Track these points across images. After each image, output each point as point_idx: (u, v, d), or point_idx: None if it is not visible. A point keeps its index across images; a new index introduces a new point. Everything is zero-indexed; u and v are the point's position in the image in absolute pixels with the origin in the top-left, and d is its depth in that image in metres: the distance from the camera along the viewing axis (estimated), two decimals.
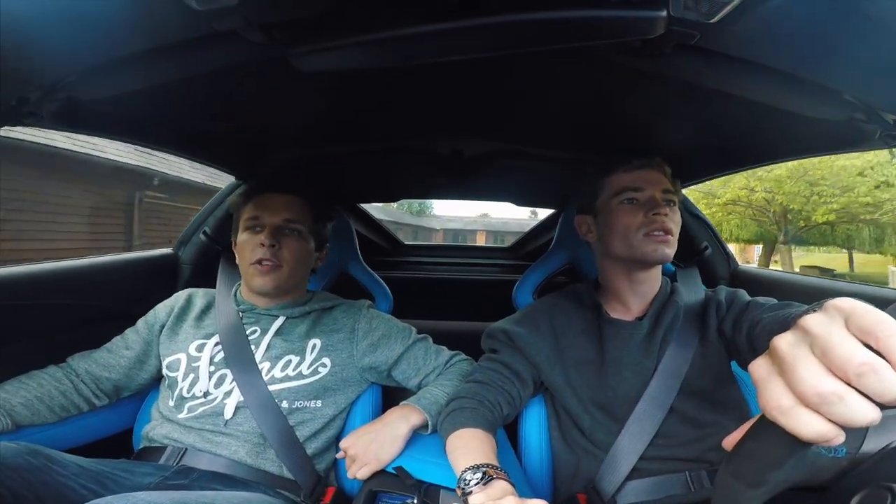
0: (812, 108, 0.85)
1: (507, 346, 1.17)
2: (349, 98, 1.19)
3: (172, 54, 0.78)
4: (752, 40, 0.67)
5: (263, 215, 1.22)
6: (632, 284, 1.16)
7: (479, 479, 0.79)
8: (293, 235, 1.24)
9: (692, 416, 1.06)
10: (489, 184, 2.03)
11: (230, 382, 1.14)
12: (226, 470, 1.05)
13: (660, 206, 1.08)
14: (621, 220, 1.11)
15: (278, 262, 1.20)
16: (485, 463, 0.83)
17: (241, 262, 1.23)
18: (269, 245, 1.18)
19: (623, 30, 0.67)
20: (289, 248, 1.22)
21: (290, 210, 1.24)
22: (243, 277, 1.25)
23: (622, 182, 1.13)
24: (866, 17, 0.56)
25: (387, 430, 1.06)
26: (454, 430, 0.97)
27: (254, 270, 1.19)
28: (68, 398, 1.13)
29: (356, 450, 1.03)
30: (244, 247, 1.21)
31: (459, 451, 0.91)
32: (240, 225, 1.25)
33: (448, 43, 0.71)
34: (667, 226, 1.08)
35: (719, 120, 1.13)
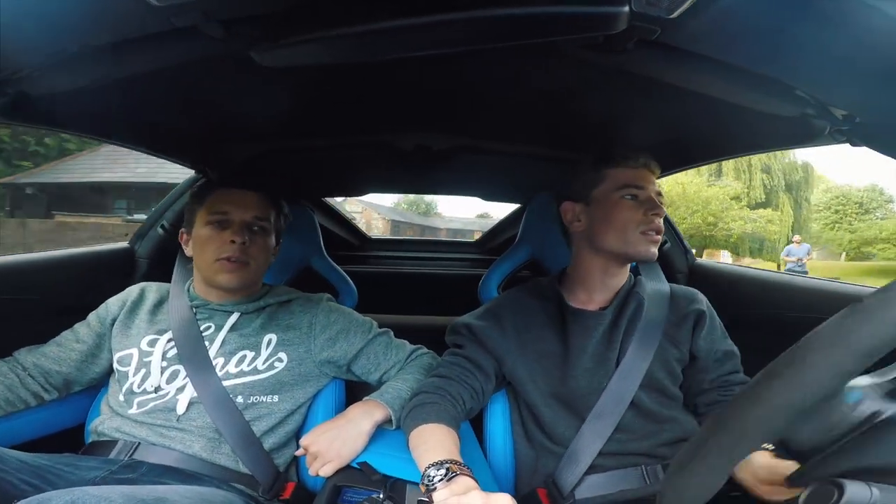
0: (766, 104, 0.88)
1: (470, 340, 1.17)
2: (313, 93, 1.18)
3: (130, 50, 0.76)
4: (710, 36, 0.69)
5: (232, 211, 1.19)
6: (604, 277, 1.17)
7: (442, 475, 0.79)
8: (260, 232, 1.22)
9: (651, 410, 1.08)
10: (455, 179, 2.03)
11: (183, 378, 1.11)
12: (178, 464, 1.03)
13: (658, 208, 1.10)
14: (621, 216, 1.11)
15: (246, 260, 1.18)
16: (448, 459, 0.82)
17: (202, 257, 1.19)
18: (241, 242, 1.16)
19: (586, 25, 0.67)
20: (256, 246, 1.21)
21: (258, 207, 1.22)
22: (202, 272, 1.21)
23: (626, 177, 1.12)
24: (820, 15, 0.57)
25: (350, 427, 1.05)
26: (417, 426, 0.96)
27: (219, 267, 1.16)
28: (13, 392, 1.08)
29: (318, 447, 1.01)
30: (208, 242, 1.18)
31: (422, 447, 0.90)
32: (197, 219, 1.21)
33: (410, 39, 0.70)
34: (660, 226, 1.10)
35: (679, 116, 1.16)
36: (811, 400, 0.44)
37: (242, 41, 0.72)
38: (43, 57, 0.75)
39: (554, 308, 1.19)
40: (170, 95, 1.09)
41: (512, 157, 1.62)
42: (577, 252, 1.21)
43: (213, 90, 1.09)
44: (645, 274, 1.25)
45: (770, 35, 0.66)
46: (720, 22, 0.64)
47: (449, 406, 1.02)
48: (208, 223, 1.18)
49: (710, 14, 0.62)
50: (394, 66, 1.00)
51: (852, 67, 0.68)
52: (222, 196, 1.21)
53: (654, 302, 1.16)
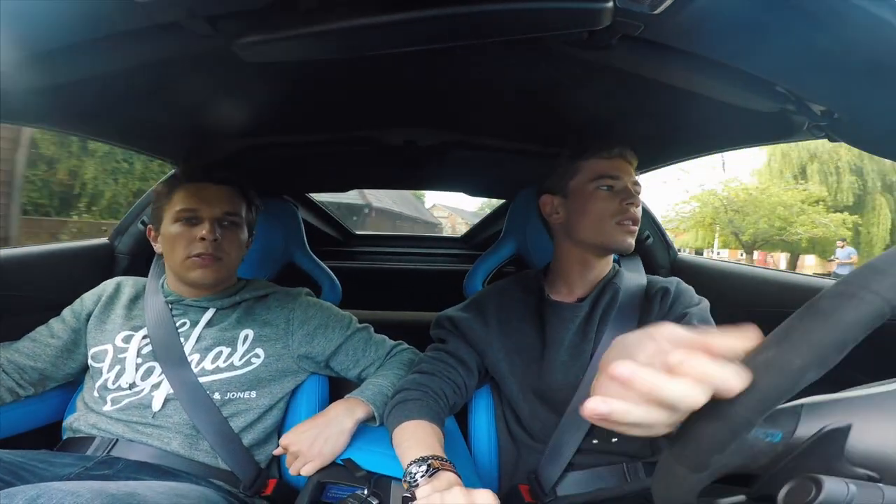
0: (747, 100, 0.89)
1: (453, 333, 1.17)
2: (299, 88, 1.17)
3: (112, 46, 0.75)
4: (693, 32, 0.70)
5: (201, 208, 1.16)
6: (583, 268, 1.17)
7: (424, 471, 0.79)
8: (231, 227, 1.21)
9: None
10: (441, 174, 2.03)
11: (158, 375, 1.10)
12: (155, 460, 1.02)
13: (633, 197, 1.10)
14: (596, 206, 1.11)
15: (219, 255, 1.17)
16: (430, 455, 0.83)
17: (173, 254, 1.17)
18: (213, 239, 1.14)
19: (570, 21, 0.68)
20: (228, 241, 1.19)
21: (228, 201, 1.20)
22: (174, 269, 1.19)
23: (600, 168, 1.13)
24: (800, 11, 0.58)
25: (332, 425, 1.04)
26: (399, 423, 0.96)
27: (191, 264, 1.15)
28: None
29: (299, 446, 1.00)
30: (177, 239, 1.15)
31: (405, 443, 0.90)
32: (165, 215, 1.19)
33: (394, 35, 0.70)
34: (637, 217, 1.11)
35: (662, 111, 1.17)
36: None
37: (226, 37, 0.72)
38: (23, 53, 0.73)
39: (535, 301, 1.19)
40: (152, 91, 1.07)
41: (498, 152, 1.62)
42: (557, 245, 1.22)
43: (195, 86, 1.07)
44: (624, 266, 1.26)
45: (751, 31, 0.67)
46: (702, 18, 0.65)
47: (432, 402, 1.02)
48: (177, 220, 1.16)
49: (692, 10, 0.63)
50: (380, 61, 0.99)
51: (831, 63, 0.69)
52: (190, 192, 1.18)
53: (629, 292, 1.16)
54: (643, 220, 1.76)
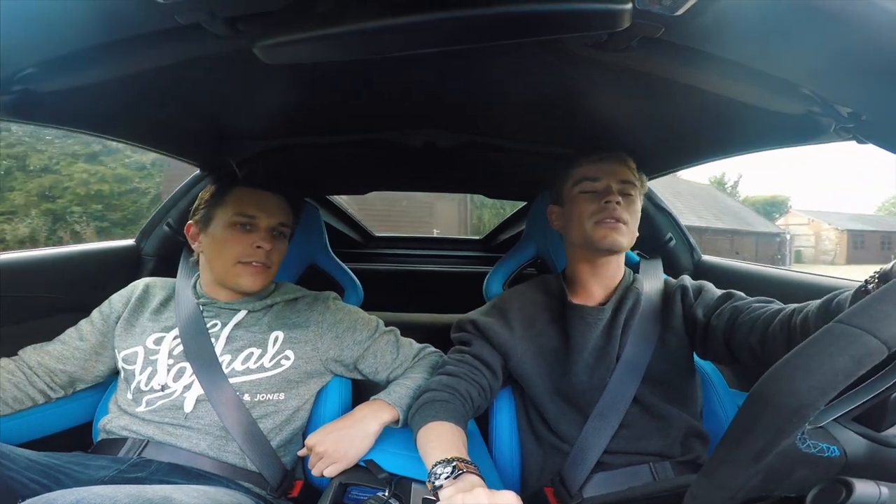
0: (772, 102, 0.87)
1: (477, 336, 1.17)
2: (319, 90, 1.18)
3: (135, 47, 0.76)
4: (715, 34, 0.69)
5: (259, 215, 1.19)
6: (593, 270, 1.18)
7: (449, 472, 0.79)
8: (281, 238, 1.24)
9: (652, 404, 1.08)
10: (461, 176, 2.04)
11: (190, 376, 1.11)
12: (186, 462, 1.03)
13: (611, 195, 1.11)
14: (578, 208, 1.14)
15: (269, 264, 1.20)
16: (455, 457, 0.83)
17: (221, 257, 1.18)
18: (268, 249, 1.18)
19: (589, 23, 0.67)
20: (277, 251, 1.23)
21: (283, 213, 1.24)
22: (217, 273, 1.20)
23: (582, 172, 1.16)
24: (825, 12, 0.57)
25: (357, 428, 1.05)
26: (424, 424, 0.97)
27: (241, 270, 1.17)
28: (21, 390, 1.10)
29: (324, 447, 1.01)
30: (230, 244, 1.17)
31: (430, 444, 0.91)
32: (217, 217, 1.20)
33: (415, 36, 0.70)
34: (616, 214, 1.10)
35: (683, 113, 1.15)
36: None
37: (247, 38, 0.73)
38: (47, 54, 0.75)
39: (557, 304, 1.20)
40: (174, 93, 1.09)
41: (518, 154, 1.62)
42: (565, 251, 1.25)
43: (217, 87, 1.09)
44: (644, 271, 1.27)
45: (774, 33, 0.65)
46: (725, 20, 0.64)
47: (457, 404, 1.02)
48: (232, 224, 1.18)
49: (714, 12, 0.62)
50: (399, 63, 1.00)
51: (857, 65, 0.67)
52: (248, 197, 1.20)
53: (650, 297, 1.17)
54: (665, 222, 1.75)
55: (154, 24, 0.69)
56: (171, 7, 0.63)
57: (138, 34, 0.72)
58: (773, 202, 36.86)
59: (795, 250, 29.09)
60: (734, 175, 64.11)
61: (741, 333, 0.97)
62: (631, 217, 1.13)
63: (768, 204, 36.65)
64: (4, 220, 13.56)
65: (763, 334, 0.91)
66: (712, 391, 1.25)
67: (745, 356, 0.97)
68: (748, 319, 0.96)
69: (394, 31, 0.68)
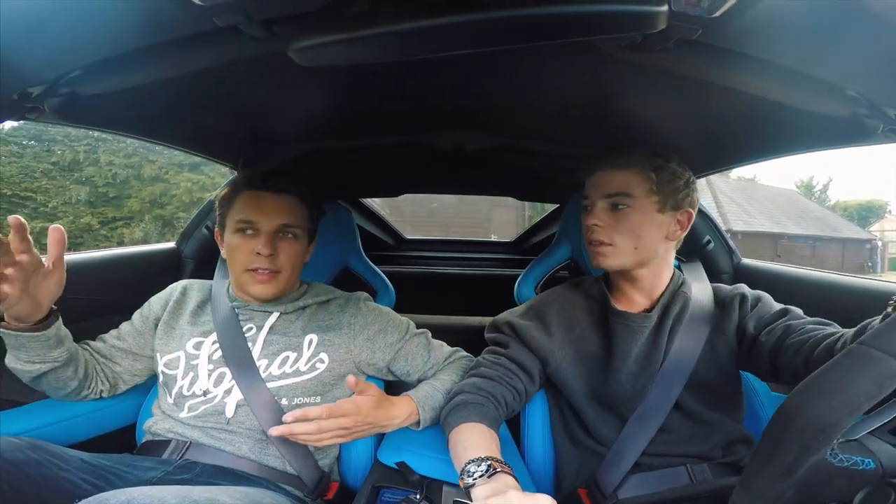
0: (815, 104, 0.85)
1: (513, 339, 1.16)
2: (352, 93, 1.19)
3: (174, 50, 0.78)
4: (755, 35, 0.67)
5: (259, 220, 1.15)
6: (629, 281, 1.14)
7: (483, 471, 0.78)
8: (288, 239, 1.19)
9: (695, 411, 1.06)
10: (491, 178, 2.03)
11: (229, 381, 1.12)
12: (229, 465, 1.05)
13: (588, 217, 1.09)
14: (583, 224, 1.13)
15: (276, 269, 1.17)
16: (489, 456, 0.82)
17: (233, 265, 1.18)
18: (268, 255, 1.14)
19: (625, 25, 0.66)
20: (286, 253, 1.18)
21: (286, 213, 1.18)
22: (236, 280, 1.21)
23: (585, 187, 1.14)
24: (868, 13, 0.56)
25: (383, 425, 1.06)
26: (457, 425, 0.96)
27: (249, 278, 1.16)
28: (92, 368, 1.14)
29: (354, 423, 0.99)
30: (237, 250, 1.16)
31: (462, 444, 0.90)
32: (227, 223, 1.20)
33: (449, 38, 0.70)
34: (595, 237, 1.08)
35: (721, 115, 1.13)
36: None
37: (282, 41, 0.74)
38: (92, 57, 0.78)
39: (599, 308, 1.17)
40: (212, 97, 1.11)
41: (549, 156, 1.60)
42: None
43: (254, 91, 1.11)
44: (687, 275, 1.22)
45: (816, 34, 0.64)
46: (764, 21, 0.62)
47: (491, 407, 1.01)
48: (237, 230, 1.17)
49: (753, 14, 0.61)
50: (431, 65, 1.00)
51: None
52: (249, 201, 1.18)
53: (699, 301, 1.12)
54: (702, 225, 1.71)
55: (193, 26, 0.71)
56: (209, 9, 0.65)
57: (178, 37, 0.74)
58: (870, 207, 35.26)
59: (891, 257, 27.40)
60: (824, 178, 62.37)
61: (788, 354, 0.93)
62: (621, 235, 1.06)
63: (863, 209, 34.98)
64: (123, 225, 14.69)
65: (808, 357, 0.87)
66: (754, 395, 1.22)
67: (789, 377, 0.94)
68: (797, 341, 0.92)
69: (428, 33, 0.69)
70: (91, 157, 14.38)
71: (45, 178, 13.99)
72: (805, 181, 38.29)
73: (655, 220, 1.07)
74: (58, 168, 14.10)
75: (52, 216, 13.43)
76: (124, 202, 14.69)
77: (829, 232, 23.18)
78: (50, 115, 0.94)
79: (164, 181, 15.05)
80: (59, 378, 1.06)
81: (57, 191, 13.98)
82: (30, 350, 0.99)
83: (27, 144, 14.22)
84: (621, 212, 1.06)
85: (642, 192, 1.06)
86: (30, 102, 0.86)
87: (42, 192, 13.85)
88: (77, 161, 14.22)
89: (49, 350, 1.02)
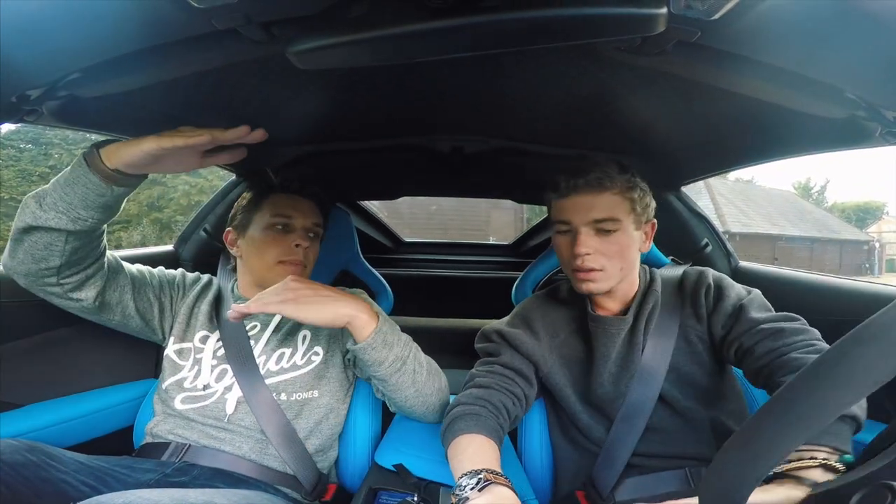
0: (813, 106, 0.85)
1: (505, 346, 1.16)
2: (350, 95, 1.19)
3: (173, 52, 0.78)
4: (754, 38, 0.67)
5: (296, 217, 1.26)
6: (606, 294, 1.13)
7: (474, 484, 0.77)
8: (314, 238, 1.31)
9: (684, 407, 1.06)
10: (490, 181, 2.03)
11: (230, 378, 1.14)
12: (228, 467, 1.05)
13: (578, 246, 1.05)
14: (558, 251, 1.13)
15: (305, 263, 1.25)
16: (483, 468, 0.81)
17: (261, 258, 1.23)
18: (305, 247, 1.25)
19: (624, 27, 0.66)
20: (312, 250, 1.29)
21: (316, 214, 1.31)
22: (257, 273, 1.25)
23: (554, 212, 1.11)
24: (868, 15, 0.56)
25: (334, 298, 1.01)
26: (454, 438, 0.95)
27: (282, 269, 1.22)
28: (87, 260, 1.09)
29: (298, 291, 0.98)
30: (269, 245, 1.23)
31: (458, 457, 0.89)
32: (255, 221, 1.26)
33: (449, 41, 0.70)
34: (587, 265, 1.05)
35: (720, 117, 1.13)
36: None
37: (281, 43, 0.74)
38: (91, 59, 0.77)
39: (578, 314, 1.18)
40: (210, 99, 1.11)
41: (548, 159, 1.60)
42: None
43: (253, 94, 1.11)
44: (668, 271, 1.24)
45: (815, 37, 0.64)
46: (764, 24, 0.62)
47: (489, 417, 1.00)
48: (270, 226, 1.24)
49: (753, 16, 0.61)
50: (430, 68, 1.00)
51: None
52: (284, 202, 1.27)
53: (667, 294, 1.14)
54: (700, 228, 1.71)
55: (192, 28, 0.71)
56: (208, 12, 0.65)
57: (177, 39, 0.74)
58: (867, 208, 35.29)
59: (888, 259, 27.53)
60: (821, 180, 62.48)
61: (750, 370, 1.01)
62: (611, 259, 1.06)
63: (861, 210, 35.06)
64: (121, 228, 14.83)
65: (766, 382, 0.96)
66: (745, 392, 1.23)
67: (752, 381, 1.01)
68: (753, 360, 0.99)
69: (428, 36, 0.68)
70: None
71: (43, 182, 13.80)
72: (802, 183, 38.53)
73: (634, 238, 1.09)
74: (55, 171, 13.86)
75: None
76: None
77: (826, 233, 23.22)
78: (48, 118, 0.93)
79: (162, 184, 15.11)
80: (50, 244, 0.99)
81: None
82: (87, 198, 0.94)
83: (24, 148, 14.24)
84: (609, 236, 1.06)
85: (625, 213, 1.07)
86: (28, 105, 0.85)
87: None
88: None
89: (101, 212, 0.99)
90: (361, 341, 1.00)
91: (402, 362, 1.03)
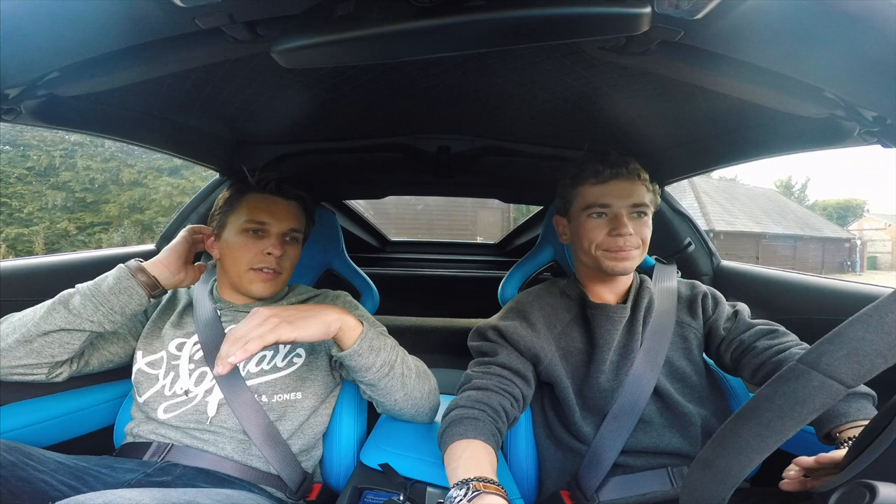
0: (794, 106, 0.86)
1: (501, 344, 1.14)
2: (336, 95, 1.19)
3: (156, 52, 0.77)
4: (736, 37, 0.68)
5: (271, 222, 1.19)
6: (605, 283, 1.20)
7: (463, 495, 0.76)
8: (293, 243, 1.24)
9: (674, 401, 1.08)
10: (476, 180, 2.03)
11: (210, 380, 1.12)
12: (211, 466, 1.04)
13: (622, 227, 1.09)
14: (587, 234, 1.13)
15: (280, 270, 1.21)
16: (474, 476, 0.80)
17: (234, 263, 1.19)
18: (278, 255, 1.18)
19: (608, 26, 0.67)
20: (289, 257, 1.23)
21: (294, 218, 1.24)
22: (231, 278, 1.21)
23: (590, 196, 1.13)
24: (847, 15, 0.57)
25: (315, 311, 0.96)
26: (451, 443, 0.93)
27: (254, 276, 1.18)
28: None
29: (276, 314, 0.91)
30: (242, 250, 1.18)
31: (453, 465, 0.88)
32: (230, 223, 1.21)
33: (433, 40, 0.70)
34: (627, 246, 1.10)
35: (702, 117, 1.15)
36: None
37: (266, 42, 0.73)
38: (71, 58, 0.76)
39: (577, 306, 1.20)
40: (194, 98, 1.10)
41: (533, 158, 1.61)
42: (574, 261, 1.28)
43: (237, 92, 1.10)
44: (657, 275, 1.28)
45: (796, 36, 0.65)
46: (745, 24, 0.63)
47: (488, 421, 0.98)
48: (244, 230, 1.19)
49: (735, 16, 0.61)
50: (416, 67, 1.00)
51: (881, 68, 0.66)
52: (259, 204, 1.20)
53: (663, 295, 1.21)
54: (683, 227, 1.73)
55: (176, 28, 0.70)
56: (192, 11, 0.64)
57: (160, 38, 0.73)
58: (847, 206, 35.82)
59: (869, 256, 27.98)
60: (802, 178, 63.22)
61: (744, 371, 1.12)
62: (643, 238, 1.13)
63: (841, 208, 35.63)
64: (102, 230, 14.46)
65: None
66: (730, 395, 1.24)
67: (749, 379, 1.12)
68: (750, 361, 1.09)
69: (412, 36, 0.68)
70: (68, 162, 14.17)
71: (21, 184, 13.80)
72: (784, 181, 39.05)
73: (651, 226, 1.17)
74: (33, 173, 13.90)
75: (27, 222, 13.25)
76: (102, 207, 14.47)
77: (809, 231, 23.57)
78: (27, 117, 0.92)
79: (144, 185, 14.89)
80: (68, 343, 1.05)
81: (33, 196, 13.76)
82: (116, 308, 1.05)
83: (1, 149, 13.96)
84: (642, 219, 1.14)
85: (650, 202, 1.16)
86: (6, 104, 0.84)
87: (17, 198, 13.64)
88: (53, 166, 14.01)
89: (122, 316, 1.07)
90: (347, 348, 0.98)
91: (389, 367, 1.03)
